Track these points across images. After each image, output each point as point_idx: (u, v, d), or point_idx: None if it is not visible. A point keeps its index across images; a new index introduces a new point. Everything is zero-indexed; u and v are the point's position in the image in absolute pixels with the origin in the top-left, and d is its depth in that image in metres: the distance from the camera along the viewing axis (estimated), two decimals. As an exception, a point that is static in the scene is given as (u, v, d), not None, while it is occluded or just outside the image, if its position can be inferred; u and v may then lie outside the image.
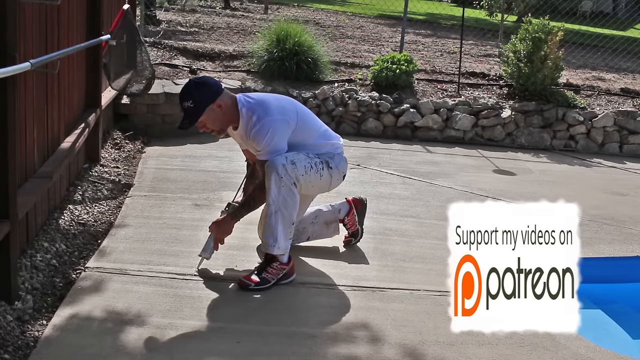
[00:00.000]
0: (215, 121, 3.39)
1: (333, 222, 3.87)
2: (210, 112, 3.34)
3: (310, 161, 3.43)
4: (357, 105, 6.97)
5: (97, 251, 3.58)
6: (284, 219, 3.34)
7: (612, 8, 21.77)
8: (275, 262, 3.36)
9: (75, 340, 2.74)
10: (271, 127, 3.34)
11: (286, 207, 3.33)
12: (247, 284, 3.31)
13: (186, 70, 7.14)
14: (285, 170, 3.30)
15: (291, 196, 3.34)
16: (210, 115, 3.35)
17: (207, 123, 3.38)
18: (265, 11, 13.63)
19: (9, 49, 2.75)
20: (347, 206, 3.88)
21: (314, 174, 3.44)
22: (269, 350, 2.79)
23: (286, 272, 3.40)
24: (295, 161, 3.36)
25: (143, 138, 5.90)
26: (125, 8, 5.05)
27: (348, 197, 3.93)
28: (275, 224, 3.33)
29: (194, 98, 3.32)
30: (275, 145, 3.36)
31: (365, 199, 3.99)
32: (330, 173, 3.53)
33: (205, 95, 3.34)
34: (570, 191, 5.55)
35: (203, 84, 3.40)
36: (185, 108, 3.34)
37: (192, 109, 3.32)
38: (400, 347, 2.90)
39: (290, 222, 3.38)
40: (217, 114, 3.37)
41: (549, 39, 7.14)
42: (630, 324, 3.89)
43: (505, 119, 7.08)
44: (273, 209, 3.32)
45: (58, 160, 3.83)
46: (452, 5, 19.82)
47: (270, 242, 3.35)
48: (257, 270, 3.38)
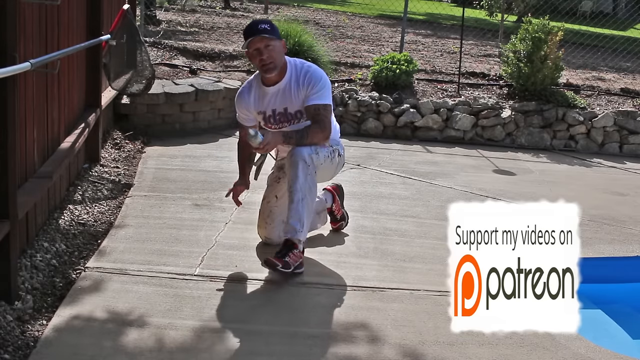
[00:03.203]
0: (277, 55, 3.52)
1: (322, 211, 4.00)
2: (279, 44, 3.53)
3: (327, 150, 3.58)
4: (357, 105, 6.96)
5: (97, 251, 3.58)
6: (309, 207, 3.45)
7: (612, 8, 21.78)
8: (295, 249, 3.39)
9: (75, 340, 2.74)
10: (323, 75, 3.60)
11: (310, 195, 3.46)
12: (275, 264, 3.30)
13: (186, 70, 7.14)
14: (311, 159, 3.43)
15: (314, 184, 3.49)
16: (277, 46, 3.52)
17: (274, 49, 3.50)
18: (265, 11, 13.63)
19: (9, 49, 2.75)
20: (330, 195, 4.04)
21: (329, 163, 3.60)
22: (269, 351, 2.79)
23: (301, 261, 3.46)
24: (318, 151, 3.50)
25: (143, 138, 5.90)
26: (125, 8, 5.05)
27: (327, 187, 4.05)
28: (302, 210, 3.40)
29: (272, 25, 3.52)
30: (329, 91, 3.58)
31: (339, 183, 4.18)
32: (338, 160, 3.72)
33: (278, 30, 3.55)
34: (570, 191, 5.55)
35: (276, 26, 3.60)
36: (260, 28, 3.48)
37: (268, 31, 3.48)
38: (400, 347, 2.90)
39: (311, 211, 3.52)
40: (280, 51, 3.54)
41: (549, 39, 7.13)
42: (630, 324, 3.89)
43: (505, 119, 7.08)
44: (300, 195, 3.40)
45: (58, 160, 3.83)
46: (452, 5, 19.82)
47: (298, 227, 3.39)
48: (280, 253, 3.38)
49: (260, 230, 3.80)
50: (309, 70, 3.57)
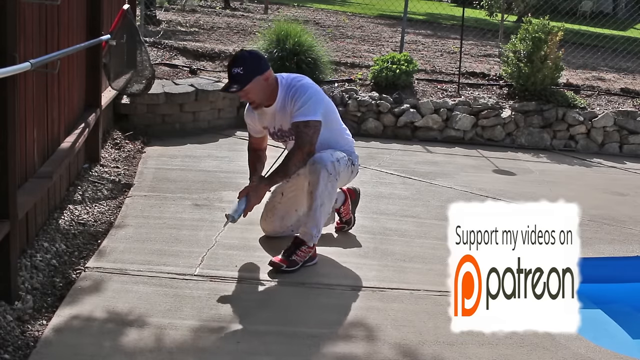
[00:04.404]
0: (259, 93, 3.48)
1: (332, 211, 3.99)
2: (257, 82, 3.43)
3: (345, 159, 3.63)
4: (357, 105, 6.96)
5: (97, 251, 3.58)
6: (325, 212, 3.55)
7: (612, 8, 21.78)
8: (304, 246, 3.50)
9: (75, 340, 2.74)
10: (310, 89, 3.53)
11: (329, 201, 3.54)
12: (279, 265, 3.45)
13: (186, 70, 7.14)
14: (333, 167, 3.49)
15: (334, 189, 3.57)
16: (256, 86, 3.44)
17: (250, 92, 3.45)
18: (265, 11, 13.64)
19: (9, 49, 2.75)
20: (342, 196, 4.04)
21: (346, 171, 3.66)
22: (268, 351, 2.79)
23: (311, 254, 3.56)
24: (339, 159, 3.56)
25: (143, 138, 5.90)
26: (125, 8, 5.05)
27: (343, 187, 4.04)
28: (320, 216, 3.50)
29: (244, 66, 3.40)
30: (313, 106, 3.48)
31: (359, 189, 4.21)
32: (352, 170, 3.76)
33: (255, 66, 3.43)
34: (570, 191, 5.55)
35: (255, 55, 3.52)
36: (233, 74, 3.40)
37: (241, 76, 3.39)
38: (400, 347, 2.90)
39: (327, 213, 3.61)
40: (262, 86, 3.46)
41: (549, 39, 7.13)
42: (630, 324, 3.89)
43: (505, 119, 7.08)
44: (319, 202, 3.47)
45: (58, 160, 3.83)
46: (452, 5, 19.82)
47: (314, 233, 3.52)
48: (286, 253, 3.50)
49: (261, 222, 3.92)
50: (295, 85, 3.51)
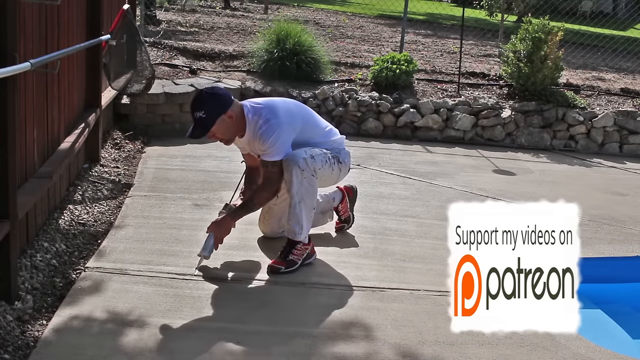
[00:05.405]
0: (226, 131, 3.49)
1: (328, 210, 4.05)
2: (221, 122, 3.43)
3: (324, 156, 3.62)
4: (357, 105, 6.96)
5: (97, 251, 3.58)
6: (307, 207, 3.54)
7: (612, 8, 21.77)
8: (299, 244, 3.54)
9: (75, 340, 2.74)
10: (278, 129, 3.47)
11: (308, 196, 3.53)
12: (277, 269, 3.49)
13: (186, 70, 7.14)
14: (305, 163, 3.48)
15: (312, 185, 3.53)
16: (221, 126, 3.44)
17: (217, 133, 3.47)
18: (265, 11, 13.63)
19: (9, 49, 2.75)
20: (340, 194, 4.07)
21: (328, 168, 3.64)
22: (268, 350, 2.79)
23: (308, 252, 3.60)
24: (314, 155, 3.54)
25: (143, 138, 5.90)
26: (125, 8, 5.05)
27: (340, 186, 4.08)
28: (300, 212, 3.51)
29: (205, 109, 3.40)
30: (281, 146, 3.49)
31: (355, 186, 4.22)
32: (340, 167, 3.75)
33: (217, 106, 3.41)
34: (570, 191, 5.55)
35: (215, 95, 3.47)
36: (197, 118, 3.41)
37: (204, 119, 3.39)
38: (400, 347, 2.91)
39: (311, 208, 3.59)
40: (227, 125, 3.46)
41: (549, 39, 7.13)
42: (630, 324, 3.89)
43: (505, 119, 7.08)
44: (297, 199, 3.50)
45: (58, 160, 3.83)
46: (452, 5, 19.81)
47: (297, 229, 3.52)
48: (282, 254, 3.54)
49: (259, 224, 3.95)
50: (262, 128, 3.46)
